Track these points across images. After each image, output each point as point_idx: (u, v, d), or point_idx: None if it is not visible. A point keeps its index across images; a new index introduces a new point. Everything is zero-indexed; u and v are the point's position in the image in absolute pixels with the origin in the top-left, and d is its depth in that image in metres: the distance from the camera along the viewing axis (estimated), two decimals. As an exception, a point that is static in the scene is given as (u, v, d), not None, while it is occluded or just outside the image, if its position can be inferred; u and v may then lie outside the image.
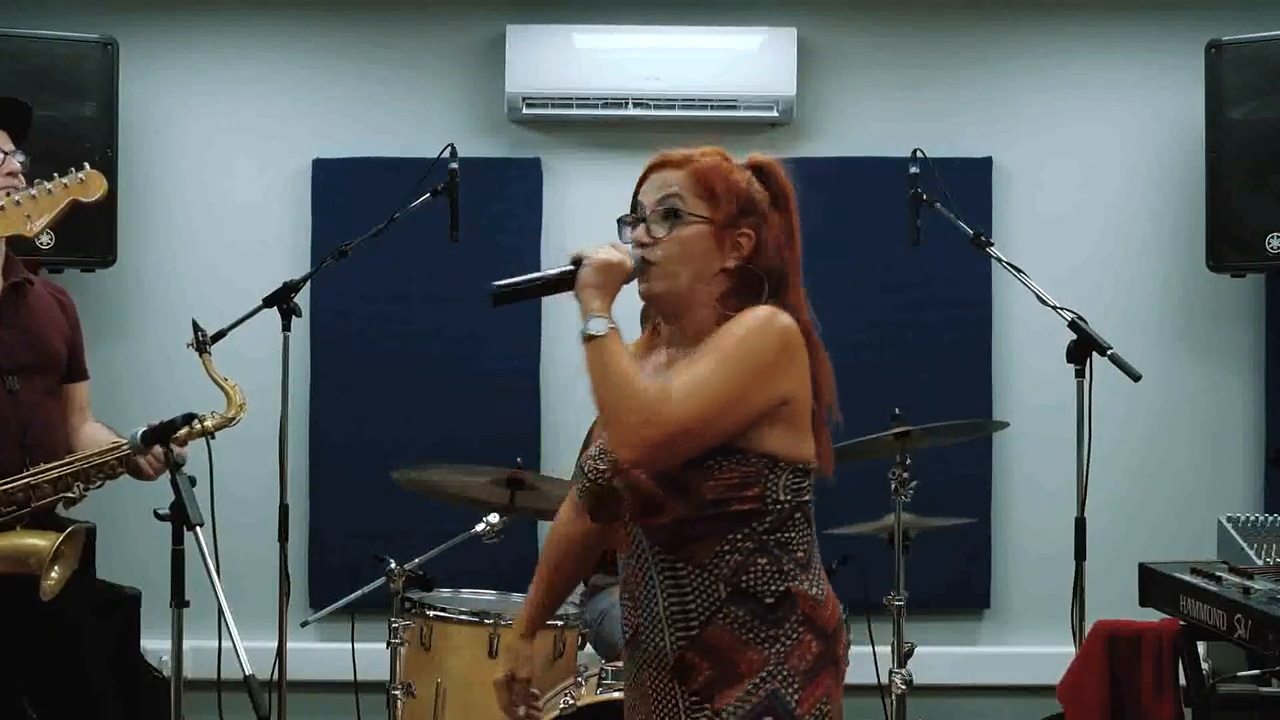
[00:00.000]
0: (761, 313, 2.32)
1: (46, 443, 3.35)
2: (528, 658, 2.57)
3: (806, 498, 2.36)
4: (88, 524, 3.42)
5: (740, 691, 2.27)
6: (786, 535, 2.32)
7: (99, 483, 3.35)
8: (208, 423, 3.33)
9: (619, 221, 2.45)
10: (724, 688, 2.27)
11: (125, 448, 3.27)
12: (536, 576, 2.61)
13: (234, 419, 3.42)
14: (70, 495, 3.31)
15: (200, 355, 3.56)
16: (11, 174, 3.47)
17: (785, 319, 2.33)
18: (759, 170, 2.50)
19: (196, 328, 3.57)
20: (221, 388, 3.43)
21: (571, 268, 2.34)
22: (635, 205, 2.43)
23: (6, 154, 3.50)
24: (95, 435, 3.49)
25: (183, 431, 3.11)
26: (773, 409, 2.28)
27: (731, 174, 2.46)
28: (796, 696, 2.27)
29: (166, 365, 4.90)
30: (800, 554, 2.33)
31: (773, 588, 2.30)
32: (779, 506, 2.31)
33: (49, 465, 3.29)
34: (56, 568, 3.23)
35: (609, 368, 2.23)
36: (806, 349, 2.34)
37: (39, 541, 3.21)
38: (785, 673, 2.28)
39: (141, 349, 4.96)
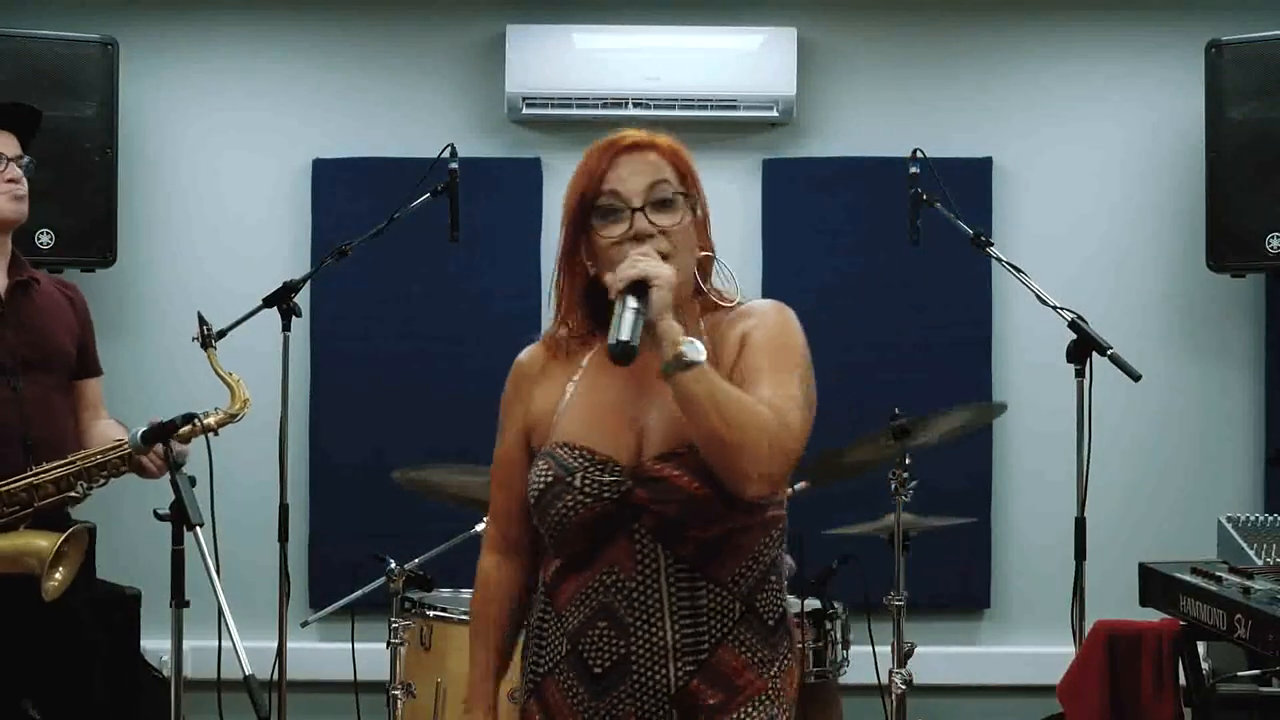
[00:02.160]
0: (776, 305, 2.21)
1: (51, 442, 3.35)
2: None
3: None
4: (88, 524, 3.43)
5: (737, 716, 2.11)
6: (778, 552, 2.20)
7: (102, 481, 3.35)
8: (210, 420, 3.33)
9: (592, 208, 2.19)
10: (724, 714, 2.12)
11: (126, 446, 3.27)
12: (477, 643, 2.33)
13: (238, 414, 3.41)
14: (73, 495, 3.31)
15: (205, 350, 3.51)
16: (13, 181, 3.48)
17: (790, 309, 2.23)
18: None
19: (202, 321, 3.53)
20: (226, 382, 3.42)
21: (633, 299, 2.05)
22: (605, 194, 2.18)
23: (9, 160, 3.50)
24: (105, 433, 3.48)
25: (185, 429, 3.12)
26: None
27: (679, 150, 2.26)
28: None
29: (166, 365, 4.90)
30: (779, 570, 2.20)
31: (775, 609, 2.18)
32: (785, 513, 2.22)
33: (51, 465, 3.30)
34: (60, 568, 3.23)
35: (729, 396, 2.03)
36: None
37: (40, 541, 3.21)
38: (782, 701, 2.16)
39: (141, 349, 4.95)
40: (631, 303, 2.04)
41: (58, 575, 3.23)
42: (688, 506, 2.08)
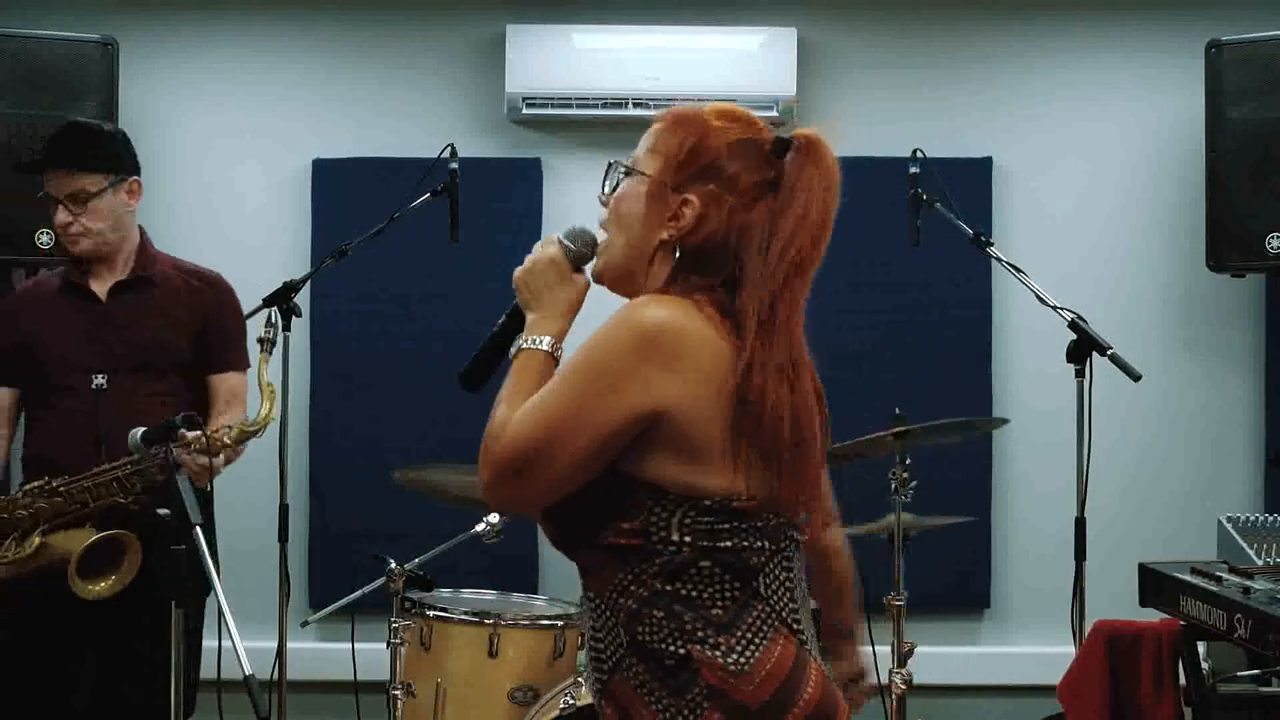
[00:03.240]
0: (631, 305, 1.93)
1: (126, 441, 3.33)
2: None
3: (724, 543, 1.91)
4: (127, 537, 3.35)
5: None
6: (690, 589, 1.90)
7: (139, 490, 3.31)
8: (226, 435, 3.31)
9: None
10: None
11: (142, 460, 3.24)
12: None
13: (258, 430, 3.38)
14: (120, 500, 3.29)
15: (261, 351, 3.47)
16: (63, 226, 3.47)
17: (659, 312, 1.89)
18: (786, 146, 1.99)
19: (270, 320, 3.51)
20: (262, 392, 3.39)
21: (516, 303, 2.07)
22: None
23: (57, 202, 3.52)
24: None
25: (194, 435, 3.11)
26: (640, 427, 1.87)
27: (709, 129, 2.00)
28: None
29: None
30: (716, 612, 1.90)
31: (670, 648, 1.90)
32: (670, 549, 1.89)
33: (95, 470, 3.29)
34: (110, 575, 3.22)
35: (504, 396, 1.99)
36: (725, 359, 1.90)
37: (74, 544, 3.22)
38: None
39: (141, 349, 4.95)
40: (500, 321, 2.13)
41: (103, 584, 3.22)
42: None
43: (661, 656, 1.90)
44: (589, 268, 2.07)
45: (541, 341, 2.00)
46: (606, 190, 2.05)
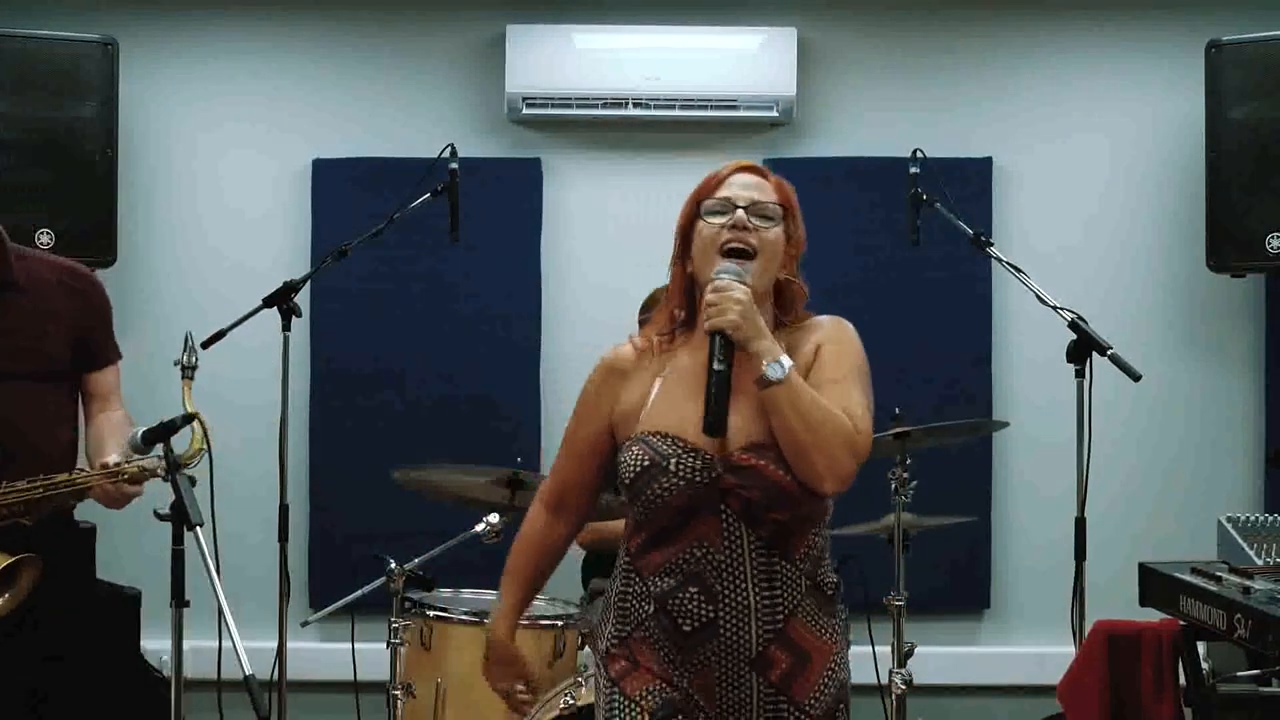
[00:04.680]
0: (841, 320, 2.60)
1: (25, 449, 3.28)
2: (521, 657, 2.73)
3: None
4: (32, 559, 3.26)
5: (816, 683, 2.44)
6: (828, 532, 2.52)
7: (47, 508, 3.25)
8: (150, 464, 3.12)
9: (699, 201, 2.53)
10: (800, 679, 2.43)
11: (73, 479, 3.19)
12: (511, 579, 2.69)
13: (189, 461, 3.08)
14: (24, 521, 3.22)
15: (183, 379, 3.17)
16: None
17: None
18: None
19: (188, 344, 3.20)
20: (191, 420, 3.09)
21: (720, 338, 2.39)
22: (717, 199, 2.52)
23: None
24: (99, 431, 3.40)
25: (140, 464, 3.06)
26: None
27: (794, 197, 2.59)
28: (849, 680, 2.54)
29: (167, 365, 4.86)
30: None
31: (831, 579, 2.51)
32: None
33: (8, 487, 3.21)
34: (5, 594, 3.15)
35: (813, 406, 2.37)
36: None
37: None
38: (843, 660, 2.51)
39: (141, 349, 4.92)
40: (715, 360, 2.37)
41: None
42: (770, 493, 2.39)
43: (825, 589, 2.49)
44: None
45: (788, 363, 2.39)
46: (763, 225, 2.53)
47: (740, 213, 2.49)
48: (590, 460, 2.60)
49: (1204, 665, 3.99)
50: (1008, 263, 4.07)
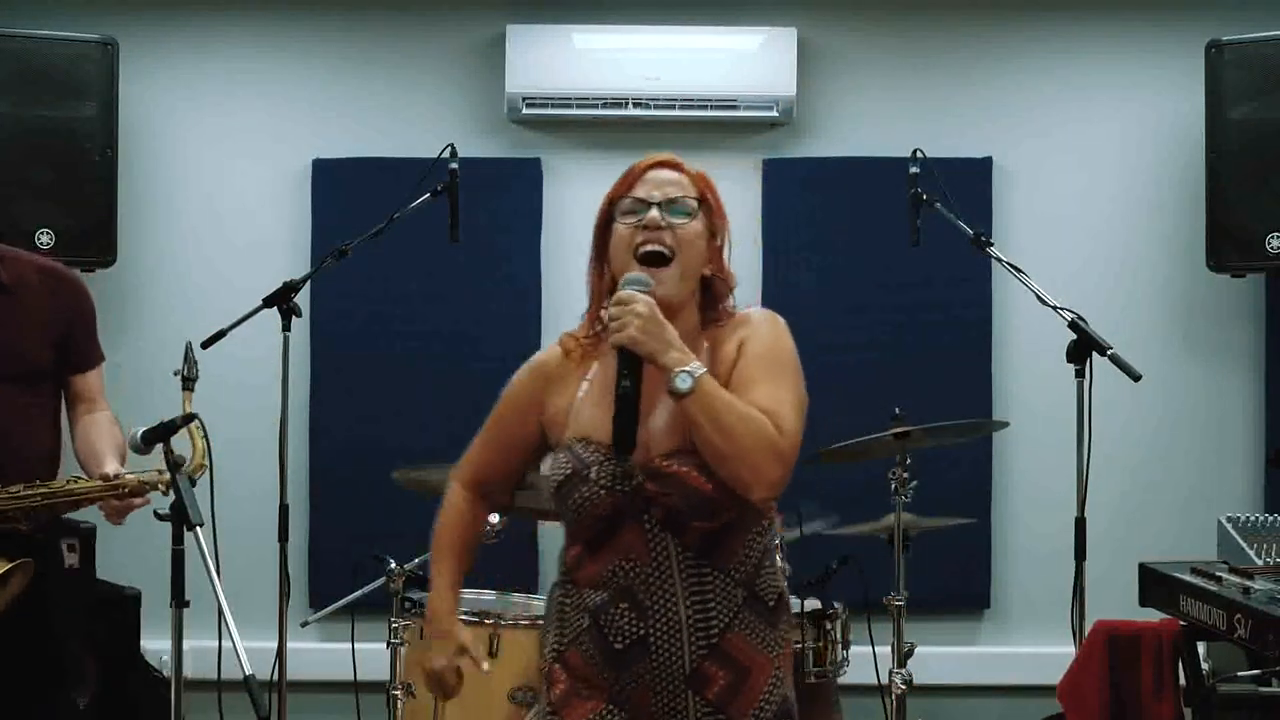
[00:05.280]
0: (769, 314, 2.43)
1: (8, 452, 3.27)
2: (460, 634, 2.54)
3: None
4: (26, 562, 3.22)
5: (757, 699, 2.33)
6: (772, 536, 2.40)
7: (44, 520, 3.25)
8: (157, 479, 3.16)
9: (612, 202, 2.43)
10: (740, 696, 2.32)
11: (72, 487, 3.19)
12: (444, 556, 2.58)
13: (194, 473, 3.08)
14: (20, 528, 3.22)
15: (183, 389, 3.16)
16: None
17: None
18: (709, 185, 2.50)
19: (188, 355, 3.20)
20: (193, 436, 3.11)
21: (624, 354, 2.29)
22: (630, 198, 2.42)
23: None
24: (88, 435, 3.37)
25: (140, 478, 3.05)
26: None
27: (715, 188, 2.48)
28: (794, 696, 2.38)
29: (167, 365, 4.82)
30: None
31: (774, 590, 2.38)
32: (776, 502, 2.39)
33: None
34: None
35: (727, 411, 2.24)
36: None
37: None
38: (784, 675, 2.37)
39: (141, 349, 4.95)
40: (620, 379, 2.26)
41: None
42: (691, 500, 2.27)
43: (766, 599, 2.36)
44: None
45: (700, 367, 2.26)
46: (678, 222, 2.39)
47: (654, 211, 2.38)
48: (513, 454, 2.54)
49: (1204, 665, 3.99)
50: (1008, 263, 4.07)
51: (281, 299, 4.08)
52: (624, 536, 2.32)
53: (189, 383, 3.19)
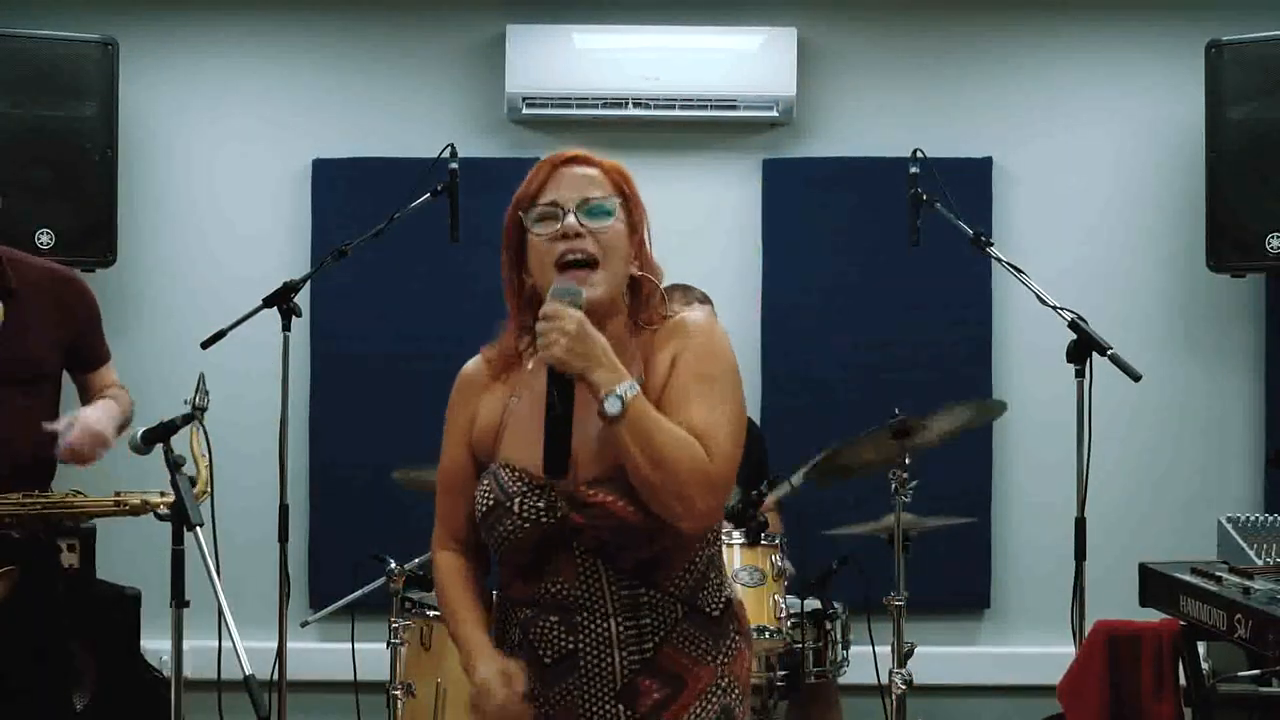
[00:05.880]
0: (706, 322, 2.25)
1: (8, 455, 3.28)
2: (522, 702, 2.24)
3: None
4: (12, 569, 3.25)
5: (691, 709, 2.19)
6: (719, 545, 2.30)
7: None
8: (161, 500, 3.19)
9: (522, 211, 2.23)
10: (672, 707, 2.19)
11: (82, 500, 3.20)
12: (460, 612, 2.31)
13: (199, 497, 3.04)
14: (13, 534, 3.23)
15: (190, 419, 3.09)
16: None
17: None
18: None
19: (200, 387, 3.14)
20: (195, 462, 3.13)
21: (554, 372, 2.13)
22: (541, 204, 2.22)
23: None
24: (87, 417, 3.39)
25: (144, 497, 3.05)
26: None
27: (632, 179, 2.31)
28: (740, 706, 2.25)
29: (166, 365, 4.89)
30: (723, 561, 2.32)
31: (719, 599, 2.25)
32: (721, 519, 2.30)
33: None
34: None
35: (660, 440, 2.09)
36: None
37: None
38: (729, 683, 2.23)
39: (141, 349, 4.95)
40: (553, 399, 2.11)
41: None
42: (619, 532, 2.14)
43: (710, 611, 2.21)
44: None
45: (633, 387, 2.11)
46: (597, 226, 2.22)
47: (570, 219, 2.18)
48: (466, 489, 2.29)
49: (1204, 665, 3.99)
50: (1008, 263, 4.07)
51: (281, 299, 4.08)
52: (552, 563, 2.18)
53: (199, 412, 3.14)
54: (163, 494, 3.13)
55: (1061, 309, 3.87)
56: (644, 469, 2.08)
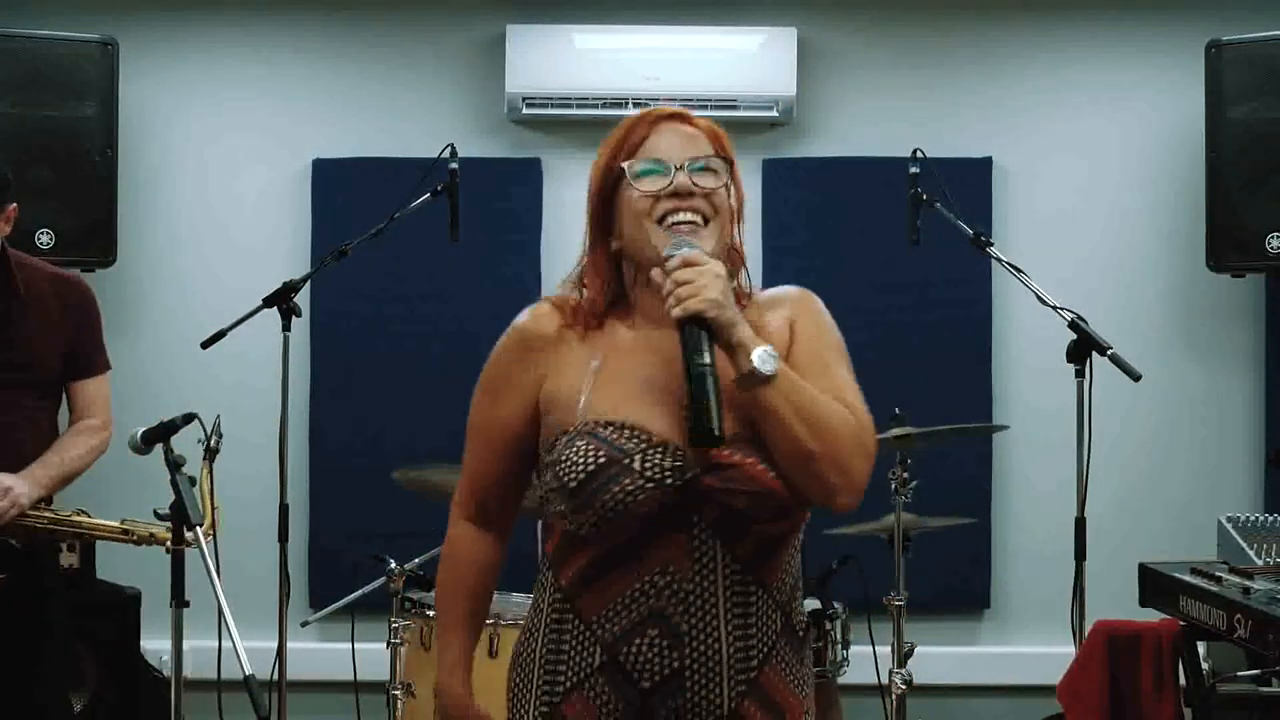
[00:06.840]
0: (809, 293, 2.10)
1: (16, 460, 3.27)
2: (483, 713, 2.19)
3: None
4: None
5: None
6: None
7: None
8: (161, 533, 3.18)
9: (612, 168, 2.06)
10: None
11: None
12: (454, 625, 2.18)
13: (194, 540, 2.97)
14: (13, 543, 3.23)
15: (203, 459, 3.11)
16: None
17: None
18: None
19: (216, 430, 3.12)
20: (208, 505, 3.10)
21: (694, 327, 1.91)
22: (644, 159, 2.04)
23: None
24: (61, 442, 3.39)
25: (150, 529, 3.06)
26: None
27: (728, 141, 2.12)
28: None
29: (166, 365, 4.91)
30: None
31: (803, 616, 2.06)
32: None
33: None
34: None
35: (812, 404, 1.90)
36: None
37: None
38: (813, 716, 2.05)
39: (141, 349, 4.95)
40: (695, 352, 1.88)
41: None
42: (757, 499, 1.92)
43: (798, 629, 2.03)
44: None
45: (774, 352, 1.92)
46: (710, 184, 2.03)
47: (681, 177, 1.98)
48: (512, 451, 2.11)
49: (1204, 665, 3.99)
50: (1008, 263, 4.07)
51: (281, 299, 4.08)
52: (661, 545, 1.92)
53: (211, 455, 3.13)
54: (168, 529, 3.07)
55: (1061, 309, 3.87)
56: (801, 436, 1.87)
